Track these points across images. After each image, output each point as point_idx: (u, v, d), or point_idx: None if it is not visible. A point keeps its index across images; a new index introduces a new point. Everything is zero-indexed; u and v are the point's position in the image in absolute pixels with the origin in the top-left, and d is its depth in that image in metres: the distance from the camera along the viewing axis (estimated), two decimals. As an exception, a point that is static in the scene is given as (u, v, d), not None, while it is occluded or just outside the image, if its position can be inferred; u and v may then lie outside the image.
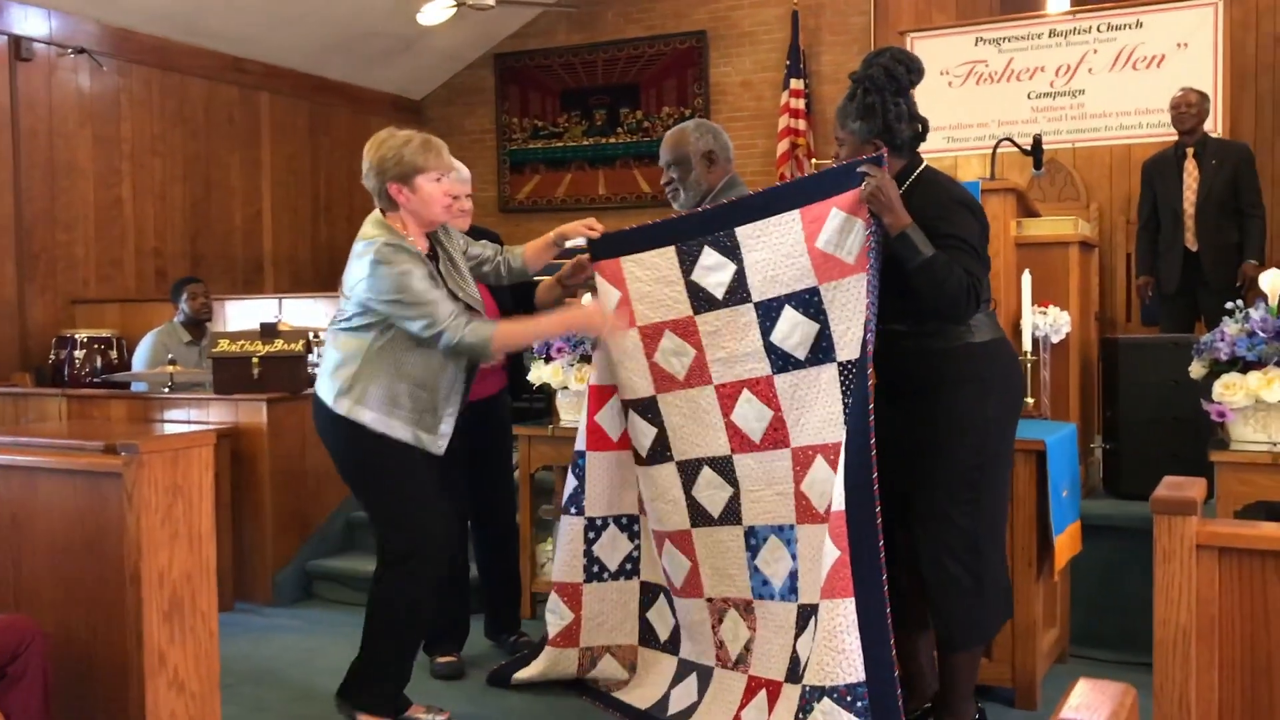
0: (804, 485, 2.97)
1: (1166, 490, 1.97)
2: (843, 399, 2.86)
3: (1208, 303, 5.43)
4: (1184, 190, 5.59)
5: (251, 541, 4.88)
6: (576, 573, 3.48)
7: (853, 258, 2.79)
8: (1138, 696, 1.26)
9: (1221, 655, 1.95)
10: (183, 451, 2.83)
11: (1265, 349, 3.14)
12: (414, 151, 3.08)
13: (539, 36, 9.22)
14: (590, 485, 3.45)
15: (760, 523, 3.08)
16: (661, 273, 3.18)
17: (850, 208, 2.78)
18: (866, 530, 2.61)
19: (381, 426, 3.06)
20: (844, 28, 8.18)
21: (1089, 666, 3.75)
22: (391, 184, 3.08)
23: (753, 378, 3.03)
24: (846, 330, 2.83)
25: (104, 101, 7.09)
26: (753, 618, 3.13)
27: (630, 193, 8.86)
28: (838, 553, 2.63)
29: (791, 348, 2.94)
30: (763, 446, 3.03)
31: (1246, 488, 3.15)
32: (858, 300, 2.79)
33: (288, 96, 8.42)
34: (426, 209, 3.12)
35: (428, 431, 3.12)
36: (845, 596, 2.61)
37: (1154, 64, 6.49)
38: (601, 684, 3.53)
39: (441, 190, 3.13)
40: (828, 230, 2.82)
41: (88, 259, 6.96)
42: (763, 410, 3.02)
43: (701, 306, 3.12)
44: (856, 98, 2.91)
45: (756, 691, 3.07)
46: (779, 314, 2.95)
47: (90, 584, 2.84)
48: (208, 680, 2.89)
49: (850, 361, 2.84)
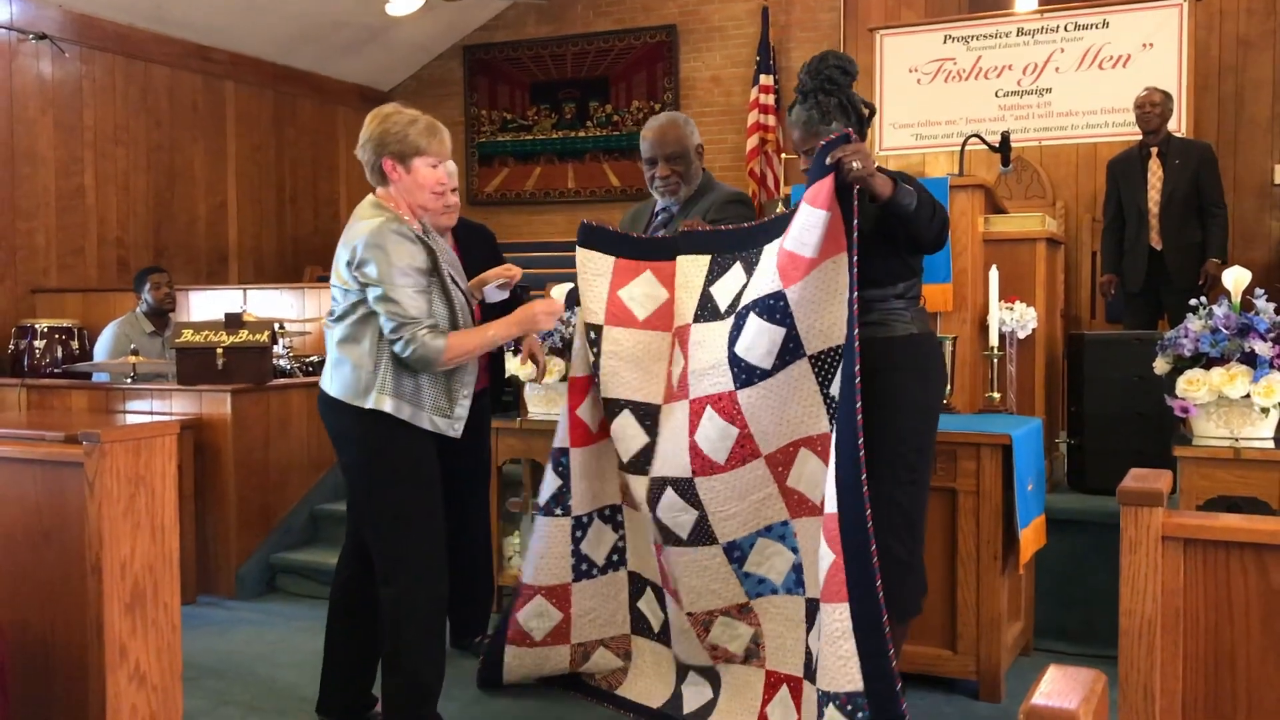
0: (790, 481, 2.90)
1: (1133, 482, 1.98)
2: (820, 389, 2.81)
3: (1171, 301, 5.49)
4: (1148, 189, 5.65)
5: (215, 534, 4.83)
6: (564, 573, 3.36)
7: (810, 249, 2.70)
8: (1108, 683, 1.26)
9: (1185, 645, 1.96)
10: (145, 441, 2.79)
11: (1228, 345, 3.18)
12: (419, 132, 3.01)
13: (508, 29, 9.17)
14: (575, 483, 3.32)
15: (741, 535, 2.98)
16: (689, 278, 3.13)
17: (818, 200, 2.68)
18: (858, 533, 2.57)
19: (405, 414, 2.96)
20: (814, 24, 8.21)
21: (1052, 659, 3.78)
22: (388, 159, 3.01)
23: (715, 393, 2.90)
24: (814, 324, 2.77)
25: (66, 89, 6.98)
26: (752, 614, 3.05)
27: (600, 186, 8.84)
28: (832, 556, 2.61)
29: (757, 359, 2.82)
30: (728, 467, 2.91)
31: (1208, 482, 3.19)
32: (825, 291, 2.74)
33: (253, 86, 8.33)
34: (417, 192, 3.04)
35: (443, 416, 3.02)
36: (840, 601, 2.58)
37: (1120, 64, 6.55)
38: (598, 678, 3.45)
39: (435, 177, 3.06)
40: (794, 227, 2.75)
41: (49, 248, 6.85)
42: (726, 429, 2.88)
43: (702, 316, 3.05)
44: (822, 103, 2.92)
45: (777, 687, 3.01)
46: (744, 322, 2.84)
47: (50, 575, 2.79)
48: (170, 673, 2.85)
49: (823, 351, 2.79)
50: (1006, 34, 6.84)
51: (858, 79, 2.99)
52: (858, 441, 2.59)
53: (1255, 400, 3.14)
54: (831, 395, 2.80)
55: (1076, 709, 1.17)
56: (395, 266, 2.90)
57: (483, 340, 3.02)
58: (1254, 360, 3.15)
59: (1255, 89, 6.94)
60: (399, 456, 2.99)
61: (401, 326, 2.89)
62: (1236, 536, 1.94)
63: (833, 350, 2.79)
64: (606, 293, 3.26)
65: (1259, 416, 3.18)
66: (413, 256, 2.94)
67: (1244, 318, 3.19)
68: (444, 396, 3.03)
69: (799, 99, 2.99)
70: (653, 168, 3.52)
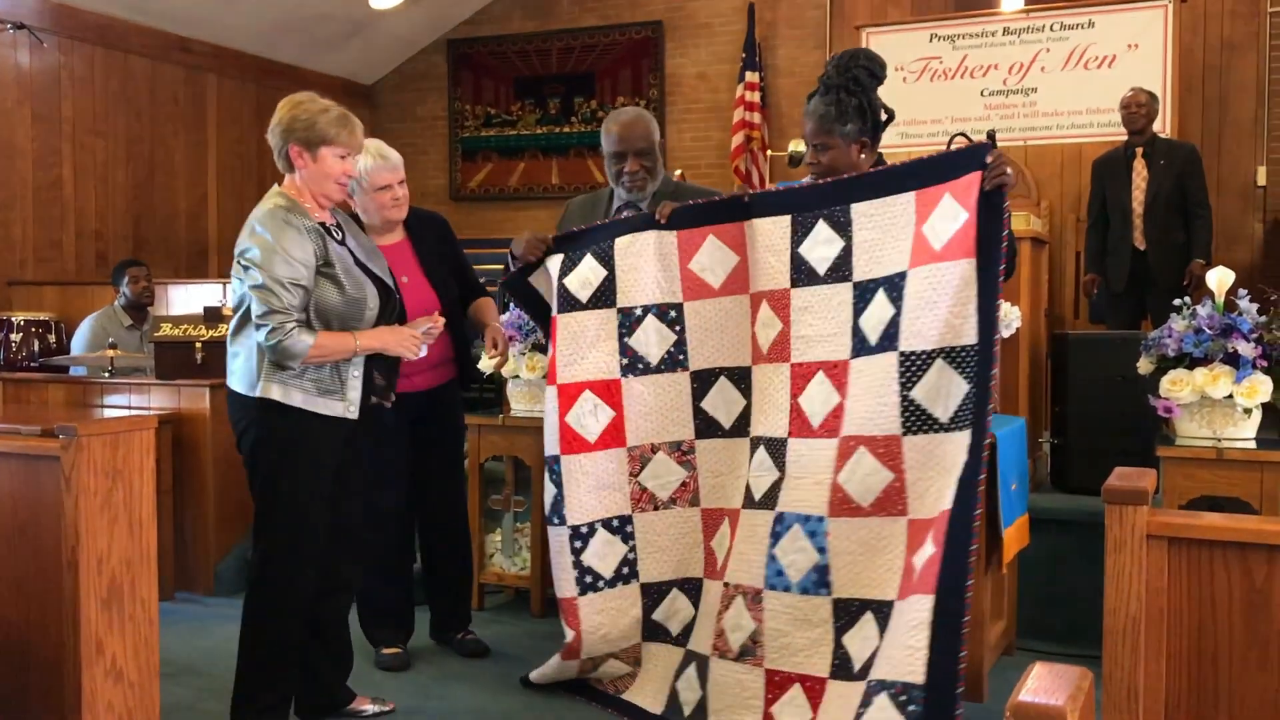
0: (840, 477, 2.84)
1: (1118, 480, 1.98)
2: (900, 390, 2.74)
3: (1155, 301, 5.50)
4: (1133, 190, 5.67)
5: (193, 530, 4.79)
6: (569, 587, 3.27)
7: (940, 244, 2.71)
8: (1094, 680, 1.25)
9: (1169, 644, 1.97)
10: (123, 435, 2.77)
11: (1211, 345, 3.19)
12: (329, 121, 2.99)
13: (493, 23, 9.14)
14: (569, 491, 3.24)
15: (790, 510, 2.93)
16: (772, 241, 3.08)
17: (961, 194, 2.70)
18: (963, 533, 2.57)
19: (296, 400, 2.94)
20: (800, 22, 8.21)
21: (1035, 659, 3.77)
22: (294, 145, 3.00)
23: (830, 360, 2.91)
24: (916, 320, 2.73)
25: (44, 79, 6.91)
26: (759, 608, 2.98)
27: (584, 182, 8.82)
28: (933, 549, 2.60)
29: (869, 330, 2.84)
30: (818, 433, 2.91)
31: (1191, 482, 3.20)
32: (936, 290, 2.70)
33: (235, 79, 8.27)
34: (323, 181, 3.02)
35: (336, 399, 3.00)
36: (927, 594, 2.56)
37: (1105, 64, 6.57)
38: (605, 682, 3.37)
39: (342, 168, 3.03)
40: (935, 215, 2.75)
41: (25, 240, 6.78)
42: (830, 394, 2.90)
43: (800, 280, 3.01)
44: (841, 101, 2.93)
45: (786, 687, 2.93)
46: (872, 298, 2.85)
47: (25, 570, 2.76)
48: (147, 669, 2.82)
49: (913, 352, 2.73)
50: (992, 33, 6.86)
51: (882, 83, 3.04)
52: (984, 442, 2.61)
53: (1238, 401, 3.15)
54: (913, 399, 2.73)
55: (1063, 706, 1.16)
56: (276, 254, 2.89)
57: (349, 347, 2.98)
58: (1237, 361, 3.16)
59: (1239, 91, 6.98)
60: (288, 445, 2.97)
61: (269, 314, 2.87)
62: (1220, 535, 1.94)
63: (923, 354, 2.72)
64: (678, 269, 3.23)
65: (1241, 417, 3.19)
66: (299, 246, 2.92)
67: (1227, 318, 3.21)
68: (334, 379, 3.00)
69: (820, 90, 3.00)
70: (620, 162, 3.50)
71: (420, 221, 3.76)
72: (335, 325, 2.97)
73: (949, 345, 2.68)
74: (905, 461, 2.73)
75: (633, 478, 3.24)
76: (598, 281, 3.30)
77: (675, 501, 3.22)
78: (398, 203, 3.56)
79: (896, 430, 2.74)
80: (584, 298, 3.30)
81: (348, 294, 2.97)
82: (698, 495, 3.21)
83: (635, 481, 3.24)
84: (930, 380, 2.70)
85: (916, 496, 2.72)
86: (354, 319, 3.00)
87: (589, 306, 3.30)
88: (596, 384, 3.26)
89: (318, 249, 2.95)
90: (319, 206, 3.05)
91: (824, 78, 3.01)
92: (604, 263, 3.29)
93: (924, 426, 2.71)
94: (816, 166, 3.08)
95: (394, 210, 3.56)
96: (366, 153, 3.45)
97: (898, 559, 2.74)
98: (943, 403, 2.69)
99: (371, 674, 3.64)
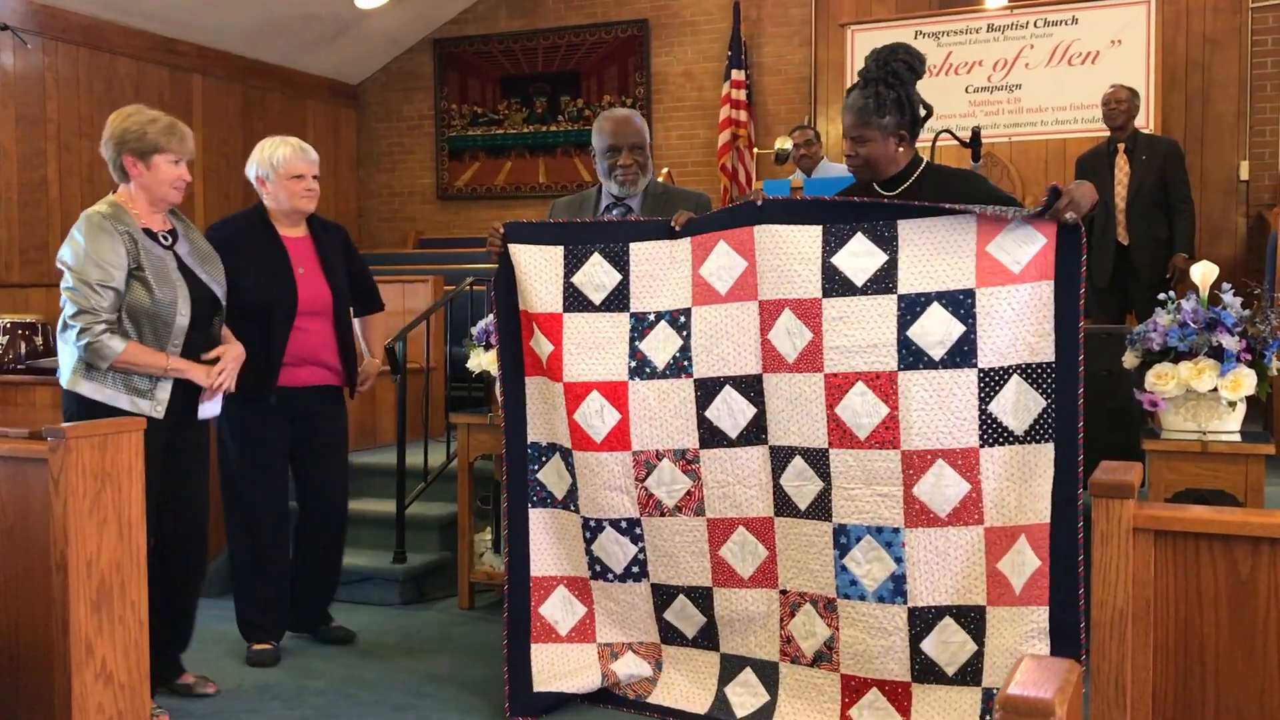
0: (917, 489, 2.88)
1: (1105, 474, 2.00)
2: (980, 404, 2.83)
3: (1138, 295, 5.54)
4: (1115, 185, 5.70)
5: (182, 531, 4.76)
6: (581, 567, 3.31)
7: (1019, 267, 2.81)
8: (1083, 673, 1.27)
9: (1156, 636, 1.98)
10: (112, 437, 2.76)
11: (1196, 339, 3.20)
12: (158, 131, 3.22)
13: (479, 22, 9.13)
14: (582, 485, 3.26)
15: (853, 521, 2.96)
16: (801, 249, 3.04)
17: (1036, 220, 2.82)
18: (1069, 545, 2.74)
19: (104, 397, 3.10)
20: (785, 19, 8.22)
21: (1023, 651, 3.80)
22: (128, 156, 3.21)
23: (873, 371, 2.92)
24: (995, 338, 2.82)
25: (28, 80, 6.87)
26: (834, 616, 3.01)
27: (571, 181, 8.81)
28: (1039, 562, 2.76)
29: (928, 345, 2.86)
30: (867, 445, 2.92)
31: (1177, 476, 3.21)
32: (1016, 310, 2.81)
33: (221, 79, 8.24)
34: (158, 186, 3.23)
35: (143, 397, 3.14)
36: (1041, 605, 2.76)
37: (1089, 60, 6.60)
38: (625, 687, 3.31)
39: (176, 173, 3.24)
40: (1004, 236, 2.83)
41: (10, 242, 6.75)
42: (877, 406, 2.91)
43: (834, 290, 2.99)
44: (880, 94, 2.95)
45: (863, 690, 2.98)
46: (924, 310, 2.88)
47: (14, 573, 2.76)
48: (137, 671, 2.82)
49: (994, 369, 2.82)
50: (977, 30, 6.88)
51: (917, 77, 3.06)
52: (1078, 458, 2.75)
53: (1222, 394, 3.16)
54: (990, 413, 2.83)
55: (1052, 699, 1.17)
56: (89, 256, 3.08)
57: (158, 365, 3.15)
58: (1221, 354, 3.17)
59: (1221, 86, 7.02)
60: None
61: (79, 314, 3.06)
62: (1206, 528, 1.96)
63: (1000, 370, 2.83)
64: (690, 274, 3.21)
65: (1226, 410, 3.20)
66: (111, 250, 3.10)
67: (1211, 312, 3.22)
68: (143, 378, 3.15)
69: (859, 84, 3.02)
70: (614, 156, 3.52)
71: (324, 226, 3.92)
72: (146, 326, 3.14)
73: (1025, 362, 2.82)
74: (982, 472, 2.84)
75: (639, 483, 3.22)
76: (612, 285, 3.28)
77: (680, 510, 3.21)
78: (309, 194, 3.77)
79: (974, 443, 2.84)
80: (597, 300, 3.28)
81: (156, 298, 3.14)
82: (703, 505, 3.19)
83: (642, 486, 3.22)
84: (1007, 395, 2.83)
85: (993, 505, 2.84)
86: (164, 321, 3.16)
87: (602, 309, 3.28)
88: (604, 385, 3.24)
89: (130, 253, 3.11)
90: (155, 211, 3.26)
91: (863, 71, 3.02)
92: (618, 266, 3.28)
93: (1001, 439, 2.84)
94: (854, 159, 3.09)
95: (304, 200, 3.76)
96: (286, 143, 3.78)
97: (977, 565, 2.85)
98: (1019, 417, 2.82)
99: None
